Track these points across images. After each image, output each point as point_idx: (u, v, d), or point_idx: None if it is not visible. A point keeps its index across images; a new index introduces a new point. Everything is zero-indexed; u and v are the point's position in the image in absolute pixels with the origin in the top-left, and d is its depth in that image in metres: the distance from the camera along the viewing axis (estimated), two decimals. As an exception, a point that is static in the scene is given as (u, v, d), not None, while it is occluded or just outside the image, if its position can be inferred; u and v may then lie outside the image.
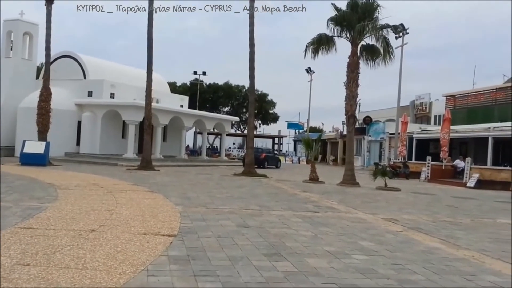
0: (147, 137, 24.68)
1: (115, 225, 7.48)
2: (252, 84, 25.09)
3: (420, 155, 30.85)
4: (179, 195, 12.53)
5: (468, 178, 24.11)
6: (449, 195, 18.00)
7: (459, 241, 7.98)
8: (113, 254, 5.61)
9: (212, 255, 5.88)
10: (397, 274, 5.52)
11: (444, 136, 27.62)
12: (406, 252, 6.80)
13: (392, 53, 21.42)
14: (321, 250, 6.58)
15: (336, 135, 51.00)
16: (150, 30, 24.64)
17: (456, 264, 6.22)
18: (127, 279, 4.67)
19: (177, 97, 40.28)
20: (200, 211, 9.70)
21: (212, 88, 64.00)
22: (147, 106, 24.61)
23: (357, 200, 14.30)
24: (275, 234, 7.55)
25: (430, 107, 45.94)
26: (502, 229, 9.82)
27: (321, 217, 9.95)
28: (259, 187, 16.95)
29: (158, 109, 30.01)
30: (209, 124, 38.12)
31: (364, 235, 7.99)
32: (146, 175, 19.72)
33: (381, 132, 40.82)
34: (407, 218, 10.64)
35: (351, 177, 20.53)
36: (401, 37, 33.53)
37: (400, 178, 27.24)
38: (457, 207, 13.97)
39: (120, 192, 12.46)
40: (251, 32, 24.31)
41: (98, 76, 32.24)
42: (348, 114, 21.35)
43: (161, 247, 6.17)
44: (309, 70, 52.38)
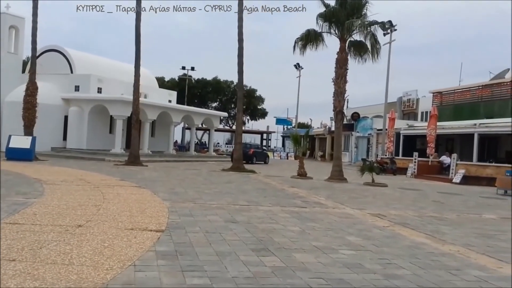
0: (135, 132, 24.54)
1: (102, 221, 7.44)
2: (241, 80, 25.05)
3: (407, 151, 31.11)
4: (167, 191, 12.50)
5: (454, 174, 24.37)
6: (435, 191, 18.18)
7: (445, 236, 8.07)
8: (100, 249, 5.58)
9: (199, 250, 5.88)
10: (383, 268, 5.57)
11: (431, 133, 27.86)
12: (392, 247, 6.86)
13: (379, 49, 21.54)
14: (309, 245, 6.61)
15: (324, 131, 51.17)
16: (138, 24, 24.45)
17: (442, 259, 6.29)
18: (114, 274, 4.65)
19: (165, 92, 40.07)
20: (188, 207, 9.69)
21: (200, 83, 63.75)
22: (135, 101, 24.46)
23: (345, 195, 14.38)
24: (263, 230, 7.57)
25: (417, 103, 46.28)
26: (487, 225, 9.95)
27: (308, 213, 9.99)
28: (247, 183, 16.96)
29: (146, 104, 29.84)
30: (198, 120, 38.01)
31: (351, 230, 8.05)
32: (133, 171, 19.63)
33: (368, 128, 41.04)
34: (393, 213, 10.72)
35: (339, 173, 20.63)
36: (389, 34, 33.72)
37: (387, 174, 27.46)
38: (443, 202, 14.11)
39: (108, 187, 12.39)
40: (240, 27, 24.24)
41: (85, 71, 31.93)
42: (336, 110, 21.42)
43: (149, 242, 6.15)
44: (298, 66, 52.46)
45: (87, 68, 32.24)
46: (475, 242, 7.71)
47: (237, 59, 24.44)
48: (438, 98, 39.18)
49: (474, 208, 13.09)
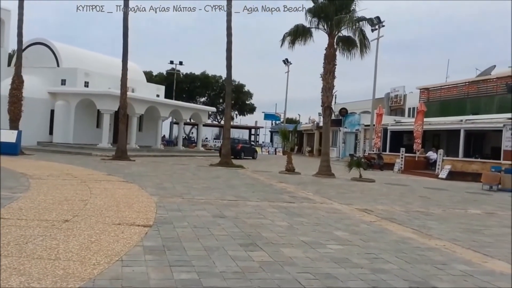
0: (122, 127, 24.38)
1: (89, 216, 7.39)
2: (229, 75, 24.98)
3: (394, 147, 31.30)
4: (154, 186, 12.45)
5: (440, 170, 24.59)
6: (421, 186, 18.34)
7: (431, 231, 8.15)
8: (87, 244, 5.55)
9: (187, 245, 5.87)
10: (370, 263, 5.61)
11: (418, 128, 28.06)
12: (379, 242, 6.91)
13: (368, 45, 21.60)
14: (297, 240, 6.63)
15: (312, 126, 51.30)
16: (125, 18, 24.24)
17: (428, 254, 6.35)
18: (101, 269, 4.62)
19: (153, 86, 39.84)
20: (176, 202, 9.66)
21: (189, 78, 63.46)
22: (123, 95, 24.28)
23: (332, 190, 14.45)
24: (251, 225, 7.58)
25: (404, 99, 46.55)
26: (472, 220, 10.07)
27: (296, 208, 10.02)
28: (236, 178, 16.96)
29: (134, 99, 29.65)
30: (186, 114, 37.86)
31: (339, 225, 8.09)
32: (121, 165, 19.51)
33: (356, 124, 41.23)
34: (381, 208, 10.80)
35: (327, 168, 20.71)
36: (377, 30, 33.83)
37: (375, 169, 27.63)
38: (429, 198, 14.25)
39: (95, 182, 12.31)
40: (229, 22, 24.16)
41: (72, 64, 31.61)
42: (325, 105, 21.48)
43: (136, 237, 6.12)
44: (286, 61, 52.47)
45: (73, 61, 31.92)
46: (461, 237, 7.80)
47: (226, 53, 24.38)
48: (425, 94, 39.45)
49: (460, 204, 13.23)
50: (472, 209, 11.94)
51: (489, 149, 27.95)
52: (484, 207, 12.55)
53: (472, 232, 8.39)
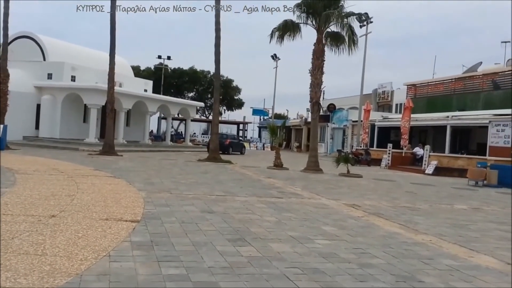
0: (109, 122, 24.22)
1: (76, 211, 7.33)
2: (218, 70, 24.91)
3: (382, 143, 31.50)
4: (142, 181, 12.39)
5: (426, 165, 24.81)
6: (408, 182, 18.49)
7: (418, 226, 8.23)
8: (74, 240, 5.51)
9: (175, 240, 5.85)
10: (358, 258, 5.65)
11: (405, 124, 28.27)
12: (367, 237, 6.96)
13: (356, 41, 21.66)
14: (285, 235, 6.65)
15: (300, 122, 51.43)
16: (113, 12, 24.03)
17: (415, 248, 6.41)
18: (89, 265, 4.59)
19: (141, 81, 39.58)
20: (164, 197, 9.63)
21: (177, 73, 63.15)
22: (110, 90, 24.10)
23: (320, 186, 14.51)
24: (239, 220, 7.58)
25: (391, 95, 46.84)
26: (458, 215, 10.18)
27: (285, 203, 10.05)
28: (224, 173, 16.94)
29: (121, 93, 29.42)
30: (174, 109, 37.69)
31: (327, 220, 8.13)
32: (108, 160, 19.38)
33: (344, 120, 41.40)
34: (368, 203, 10.87)
35: (315, 164, 20.78)
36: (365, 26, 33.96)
37: (362, 165, 27.80)
38: (416, 193, 14.37)
39: (82, 177, 12.21)
40: (217, 17, 24.06)
41: (58, 58, 31.25)
42: (313, 101, 21.52)
43: (124, 232, 6.09)
44: (275, 56, 52.49)
45: (60, 55, 31.57)
46: (447, 232, 7.88)
47: (214, 49, 24.29)
48: (412, 91, 39.72)
49: (446, 199, 13.37)
50: (458, 205, 12.06)
51: (475, 145, 28.27)
52: (470, 203, 12.69)
53: (458, 227, 8.48)
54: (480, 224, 9.05)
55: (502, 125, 22.85)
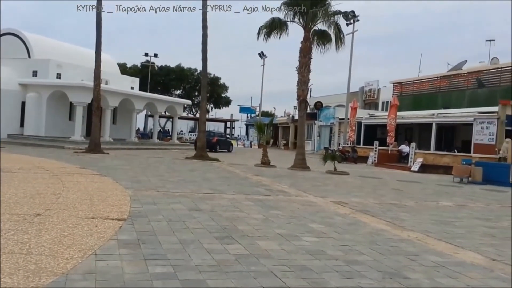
0: (95, 119, 24.02)
1: (61, 209, 7.26)
2: (205, 67, 24.82)
3: (368, 140, 31.71)
4: (129, 179, 12.31)
5: (412, 163, 25.02)
6: (394, 179, 18.63)
7: (404, 223, 8.30)
8: (59, 238, 5.45)
9: (163, 238, 5.83)
10: (345, 255, 5.68)
11: (391, 122, 28.47)
12: (353, 234, 7.00)
13: (343, 39, 21.75)
14: (272, 233, 6.66)
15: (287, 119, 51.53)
16: (99, 9, 23.80)
17: (401, 245, 6.46)
18: (75, 264, 4.55)
19: (128, 78, 39.29)
20: (151, 195, 9.58)
21: (164, 70, 62.85)
22: (96, 87, 23.89)
23: (308, 183, 14.55)
24: (226, 218, 7.58)
25: (378, 93, 47.11)
26: (444, 211, 10.28)
27: (272, 201, 10.06)
28: (211, 171, 16.91)
29: (107, 91, 29.20)
30: (161, 107, 37.50)
31: (314, 218, 8.16)
32: (94, 158, 19.23)
33: (331, 117, 41.55)
34: (355, 201, 10.93)
35: (302, 161, 20.84)
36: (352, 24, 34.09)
37: (349, 162, 27.94)
38: (402, 190, 14.49)
39: (67, 175, 12.10)
40: (204, 14, 23.96)
41: (43, 55, 30.91)
42: (300, 99, 21.57)
43: (110, 231, 6.05)
44: (262, 54, 52.48)
45: (45, 52, 31.23)
46: (433, 228, 7.96)
47: (201, 46, 24.20)
48: (398, 89, 40.01)
49: (432, 196, 13.50)
50: (444, 201, 12.19)
51: (459, 142, 28.57)
52: (455, 199, 12.83)
53: (443, 223, 8.57)
54: (465, 220, 9.16)
55: (486, 123, 23.13)
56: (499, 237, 7.56)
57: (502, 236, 7.67)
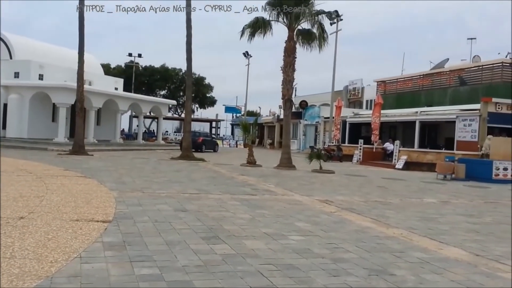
0: (79, 121, 23.77)
1: (45, 212, 7.18)
2: (190, 67, 24.73)
3: (353, 139, 31.90)
4: (114, 180, 12.21)
5: (397, 160, 25.25)
6: (379, 177, 18.78)
7: (389, 220, 8.37)
8: (43, 242, 5.39)
9: (149, 240, 5.80)
10: (331, 253, 5.71)
11: (375, 120, 28.68)
12: (339, 232, 7.04)
13: (326, 38, 21.86)
14: (259, 232, 6.66)
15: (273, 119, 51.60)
16: (81, 8, 23.54)
17: (386, 242, 6.52)
18: (59, 267, 4.50)
19: (111, 79, 39.01)
20: (136, 196, 9.52)
21: (148, 70, 62.47)
22: (79, 88, 23.63)
23: (294, 182, 14.59)
24: (213, 218, 7.56)
25: (362, 92, 47.46)
26: (428, 208, 10.39)
27: (258, 200, 10.07)
28: (197, 171, 16.86)
29: (91, 92, 28.94)
30: (145, 108, 37.28)
31: (300, 217, 8.18)
32: (78, 160, 19.04)
33: (316, 116, 41.72)
34: (340, 199, 10.99)
35: (288, 160, 20.88)
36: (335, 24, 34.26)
37: (334, 161, 28.09)
38: (387, 188, 14.61)
39: (51, 177, 11.96)
40: (188, 14, 23.88)
41: (25, 56, 30.52)
42: (285, 98, 21.61)
43: (95, 233, 5.99)
44: (247, 54, 52.49)
45: (27, 53, 30.84)
46: (417, 225, 8.05)
47: (186, 46, 24.11)
48: (382, 87, 40.36)
49: (416, 193, 13.64)
50: (428, 198, 12.32)
51: (442, 139, 28.90)
52: (439, 196, 12.97)
53: (428, 220, 8.66)
54: (449, 217, 9.27)
55: (468, 120, 23.44)
56: (483, 233, 7.67)
57: (486, 232, 7.78)
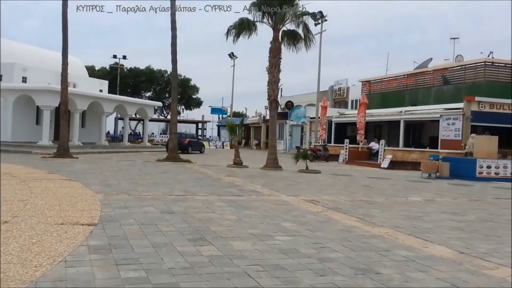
0: (63, 123, 23.55)
1: (29, 216, 7.10)
2: (175, 69, 24.65)
3: (339, 138, 32.09)
4: (99, 183, 12.12)
5: (382, 160, 25.43)
6: (365, 176, 18.90)
7: (375, 219, 8.43)
8: (28, 246, 5.33)
9: (135, 243, 5.77)
10: (317, 252, 5.74)
11: (360, 120, 28.88)
12: (326, 232, 7.07)
13: (312, 38, 21.95)
14: (246, 233, 6.67)
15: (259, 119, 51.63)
16: (65, 10, 23.32)
17: (372, 241, 6.57)
18: (44, 271, 4.46)
19: (96, 81, 38.72)
20: (122, 199, 9.46)
21: (133, 72, 62.13)
22: (63, 90, 23.40)
23: (280, 183, 14.62)
24: (199, 219, 7.55)
25: (347, 92, 47.73)
26: (413, 207, 10.50)
27: (245, 201, 10.07)
28: (183, 173, 16.81)
29: (76, 94, 28.68)
30: (131, 110, 37.05)
31: (287, 217, 8.21)
32: (63, 163, 18.85)
33: (302, 117, 41.86)
34: (327, 198, 11.05)
35: (274, 161, 20.92)
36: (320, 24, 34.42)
37: (320, 160, 28.19)
38: (372, 187, 14.71)
39: (35, 181, 11.82)
40: (173, 15, 23.80)
41: (8, 59, 30.05)
42: (271, 98, 21.64)
43: (81, 237, 5.95)
44: (232, 55, 52.44)
45: (10, 56, 30.38)
46: (403, 223, 8.12)
47: (171, 47, 24.03)
48: (366, 87, 40.64)
49: (401, 192, 13.76)
50: (413, 197, 12.44)
51: (427, 138, 29.21)
52: (423, 194, 13.10)
53: (413, 218, 8.75)
54: (433, 215, 9.37)
55: (452, 119, 23.72)
56: (467, 231, 7.77)
57: (470, 230, 7.88)
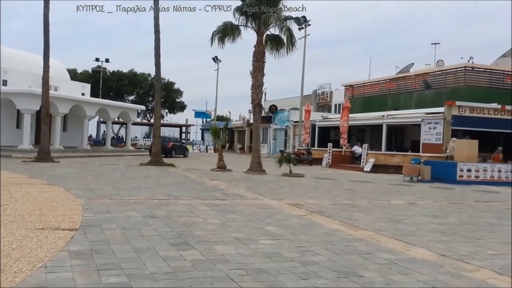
0: (44, 127, 23.23)
1: (9, 221, 6.98)
2: (158, 72, 24.53)
3: (322, 142, 32.25)
4: (81, 187, 11.98)
5: (365, 163, 25.61)
6: (348, 180, 19.02)
7: (357, 222, 8.49)
8: (7, 251, 5.24)
9: (116, 247, 5.71)
10: (301, 256, 5.75)
11: (344, 124, 29.07)
12: (309, 235, 7.09)
13: (295, 43, 22.05)
14: (229, 237, 6.66)
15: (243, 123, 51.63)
16: (46, 12, 23.05)
17: (355, 244, 6.61)
18: (24, 277, 4.39)
19: (78, 84, 38.33)
20: (104, 203, 9.36)
21: (116, 75, 61.65)
22: (44, 94, 23.11)
23: (264, 186, 14.63)
24: (182, 223, 7.51)
25: (330, 96, 48.03)
26: (395, 210, 10.59)
27: (229, 205, 10.06)
28: (167, 177, 16.71)
29: (57, 97, 28.36)
30: (114, 113, 36.74)
31: (270, 220, 8.21)
32: (44, 167, 18.60)
33: (286, 120, 41.99)
34: (310, 202, 11.08)
35: (258, 165, 20.93)
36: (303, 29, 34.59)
37: (304, 164, 28.29)
38: (355, 190, 14.81)
39: (15, 185, 11.64)
40: (156, 18, 23.70)
41: (-13, 62, 29.63)
42: (255, 102, 21.68)
43: (61, 242, 5.87)
44: (216, 59, 52.38)
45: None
46: (385, 226, 8.19)
47: (154, 51, 23.91)
48: (349, 91, 40.94)
49: (383, 195, 13.87)
50: (395, 200, 12.55)
51: (409, 142, 29.52)
52: (405, 198, 13.23)
53: (395, 221, 8.83)
54: (415, 218, 9.47)
55: (433, 123, 24.02)
56: (448, 233, 7.87)
57: (451, 232, 7.98)
